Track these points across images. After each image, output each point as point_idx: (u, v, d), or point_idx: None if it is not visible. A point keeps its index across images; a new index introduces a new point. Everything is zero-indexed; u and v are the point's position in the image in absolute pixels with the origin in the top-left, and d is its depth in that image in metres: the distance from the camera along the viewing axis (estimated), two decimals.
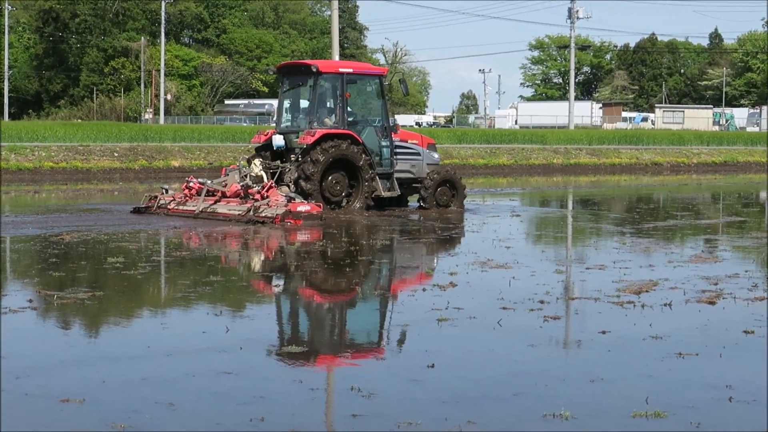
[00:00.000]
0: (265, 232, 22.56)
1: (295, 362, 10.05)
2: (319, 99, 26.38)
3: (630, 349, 10.77)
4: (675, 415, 8.28)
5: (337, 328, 12.48)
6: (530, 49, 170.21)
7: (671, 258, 18.27)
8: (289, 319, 12.65)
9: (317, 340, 11.49)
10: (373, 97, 27.62)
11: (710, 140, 76.84)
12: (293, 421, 8.08)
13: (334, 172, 25.67)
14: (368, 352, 10.72)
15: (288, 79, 27.42)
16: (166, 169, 48.70)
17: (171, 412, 8.27)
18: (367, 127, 26.78)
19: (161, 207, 25.93)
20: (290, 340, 10.86)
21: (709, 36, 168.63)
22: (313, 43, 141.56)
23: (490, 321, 12.05)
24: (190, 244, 20.50)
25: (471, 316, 12.40)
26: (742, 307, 13.25)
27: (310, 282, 15.99)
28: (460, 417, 8.13)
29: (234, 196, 25.09)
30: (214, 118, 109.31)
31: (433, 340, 11.33)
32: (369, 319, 12.98)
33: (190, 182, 26.40)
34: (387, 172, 26.93)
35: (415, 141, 28.11)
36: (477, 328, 11.82)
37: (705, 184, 51.63)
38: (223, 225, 23.53)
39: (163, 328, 12.02)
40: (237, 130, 62.86)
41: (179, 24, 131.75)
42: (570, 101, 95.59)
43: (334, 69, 26.68)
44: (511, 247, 19.95)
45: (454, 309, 12.92)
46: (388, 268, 17.77)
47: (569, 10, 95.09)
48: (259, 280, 16.29)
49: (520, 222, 26.57)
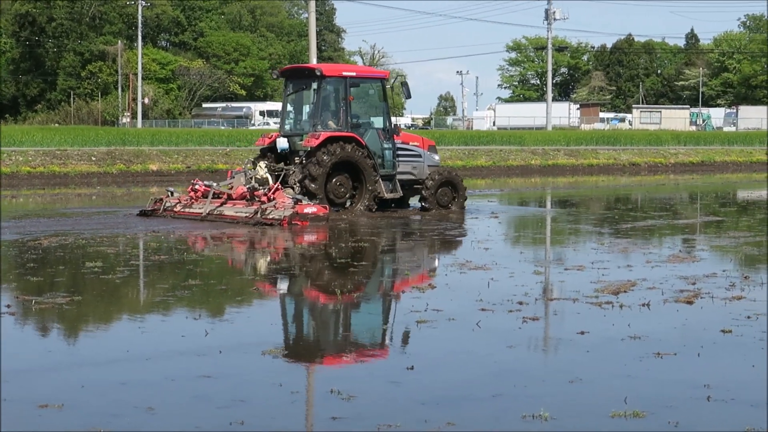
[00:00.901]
0: (271, 233, 22.80)
1: (275, 365, 10.05)
2: (322, 102, 26.84)
3: (608, 349, 10.81)
4: (653, 414, 8.31)
5: (317, 332, 12.49)
6: (507, 51, 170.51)
7: (649, 258, 18.33)
8: (269, 322, 12.63)
9: (297, 343, 11.49)
10: (376, 100, 28.01)
11: (687, 140, 77.11)
12: (273, 423, 8.08)
13: (338, 174, 26.10)
14: (348, 355, 10.72)
15: (292, 82, 27.83)
16: (144, 173, 48.59)
17: (150, 416, 8.26)
18: (369, 130, 27.19)
19: (167, 210, 26.24)
20: (270, 343, 10.84)
21: (685, 36, 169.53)
22: (290, 46, 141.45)
23: (470, 322, 12.07)
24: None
25: (450, 317, 12.42)
26: (719, 306, 13.31)
27: (290, 285, 16.00)
28: (440, 418, 8.14)
29: (240, 199, 25.43)
30: (192, 122, 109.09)
31: (412, 342, 11.35)
32: (349, 322, 12.98)
33: (196, 185, 26.76)
34: (389, 174, 27.36)
35: (416, 143, 28.61)
36: (456, 330, 11.83)
37: (682, 184, 51.81)
38: (232, 227, 23.85)
39: (141, 332, 11.99)
40: (215, 133, 62.74)
41: (156, 27, 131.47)
42: (547, 102, 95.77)
43: (337, 72, 27.07)
44: (490, 249, 19.99)
45: (434, 311, 12.93)
46: (369, 270, 17.76)
47: (546, 11, 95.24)
48: (239, 282, 16.27)
49: (499, 223, 26.60)
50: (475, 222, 25.95)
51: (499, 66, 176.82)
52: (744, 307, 13.13)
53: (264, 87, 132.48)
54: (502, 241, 22.94)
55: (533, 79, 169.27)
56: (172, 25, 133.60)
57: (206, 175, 49.07)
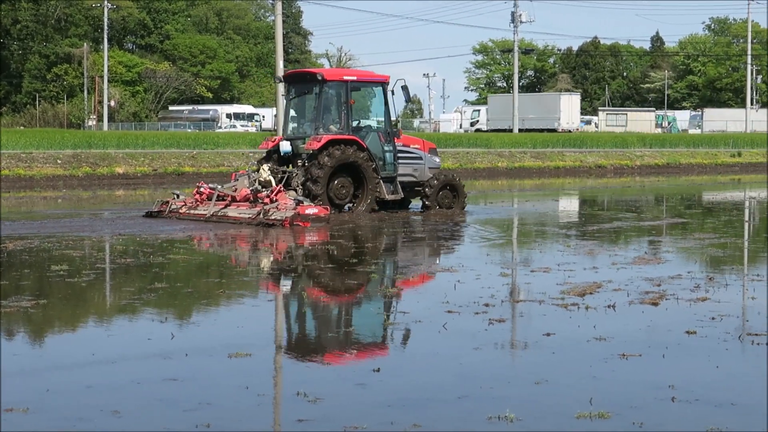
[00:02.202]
0: (273, 234, 23.16)
1: (242, 368, 10.03)
2: (324, 106, 27.40)
3: (574, 350, 10.85)
4: (618, 415, 8.35)
5: (284, 334, 12.48)
6: (474, 53, 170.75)
7: (615, 260, 18.41)
8: (236, 325, 12.61)
9: (264, 346, 11.47)
10: (377, 103, 28.61)
11: (653, 143, 77.51)
12: (239, 426, 8.08)
13: (340, 177, 26.74)
14: (314, 357, 10.72)
15: (294, 87, 28.37)
16: (110, 176, 48.42)
17: (116, 419, 8.24)
18: (370, 133, 27.83)
19: (173, 211, 26.86)
20: (237, 346, 10.82)
21: (650, 39, 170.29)
22: (257, 49, 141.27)
23: (436, 324, 12.09)
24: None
25: (417, 319, 12.44)
26: (684, 307, 13.38)
27: (260, 287, 15.98)
28: (406, 420, 8.16)
29: (244, 201, 25.99)
30: (159, 125, 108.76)
31: (379, 344, 11.36)
32: (315, 325, 12.98)
33: (201, 187, 27.29)
34: (390, 176, 27.98)
35: (416, 146, 29.18)
36: (422, 332, 11.85)
37: (648, 186, 52.05)
38: (235, 228, 24.36)
39: (107, 335, 11.95)
40: (181, 136, 62.56)
41: (122, 30, 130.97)
42: (514, 105, 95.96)
43: (338, 77, 27.67)
44: (456, 251, 20.01)
45: (400, 313, 12.94)
46: (338, 273, 17.75)
47: (512, 14, 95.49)
48: (206, 285, 16.23)
49: (465, 225, 26.64)
50: (440, 224, 25.99)
51: (466, 68, 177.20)
52: (708, 309, 13.21)
53: (231, 90, 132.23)
54: (468, 243, 22.96)
55: (500, 81, 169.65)
56: (138, 28, 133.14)
57: (173, 178, 49.05)
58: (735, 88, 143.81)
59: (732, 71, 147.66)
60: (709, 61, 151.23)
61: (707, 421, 8.18)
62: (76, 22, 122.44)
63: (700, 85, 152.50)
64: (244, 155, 54.45)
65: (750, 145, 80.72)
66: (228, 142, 59.62)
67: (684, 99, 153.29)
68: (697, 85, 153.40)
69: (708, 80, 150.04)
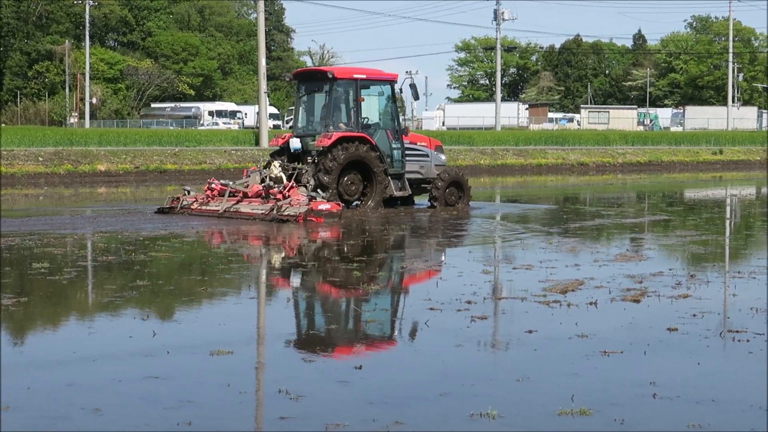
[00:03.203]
0: (287, 229, 23.53)
1: (224, 365, 10.01)
2: (334, 104, 28.02)
3: (556, 348, 10.86)
4: (600, 412, 8.37)
5: (265, 331, 12.45)
6: (457, 51, 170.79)
7: (597, 257, 18.44)
8: (218, 322, 12.58)
9: (246, 343, 11.44)
10: (385, 101, 28.96)
11: (635, 140, 77.68)
12: (221, 425, 8.07)
13: (349, 173, 27.38)
14: (296, 355, 10.70)
15: (304, 85, 28.94)
16: (92, 173, 48.29)
17: (97, 417, 8.21)
18: (379, 130, 28.28)
19: (184, 207, 27.27)
20: (218, 343, 10.80)
21: (633, 37, 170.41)
22: (239, 46, 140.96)
23: (418, 322, 12.08)
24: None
25: (399, 317, 12.44)
26: (666, 304, 13.41)
27: (240, 285, 15.95)
28: (388, 418, 8.16)
29: (255, 197, 26.48)
30: (141, 122, 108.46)
31: (361, 341, 11.36)
32: (297, 322, 12.96)
33: (212, 183, 27.79)
34: (398, 173, 28.60)
35: (423, 143, 29.81)
36: (405, 329, 11.85)
37: (630, 183, 52.17)
38: (249, 223, 24.80)
39: (89, 333, 11.92)
40: (164, 133, 62.45)
41: (104, 27, 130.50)
42: (496, 102, 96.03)
43: (348, 75, 28.20)
44: (439, 248, 20.02)
45: (382, 311, 12.93)
46: (323, 269, 17.74)
47: (495, 11, 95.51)
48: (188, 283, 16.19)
49: (446, 222, 26.64)
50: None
51: (449, 66, 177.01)
52: (690, 306, 13.24)
53: (213, 87, 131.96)
54: (451, 240, 22.97)
55: (482, 79, 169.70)
56: (120, 25, 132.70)
57: (155, 176, 48.96)
58: (716, 85, 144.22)
59: (713, 69, 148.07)
60: (690, 59, 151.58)
61: (688, 418, 8.21)
62: (58, 19, 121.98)
63: (681, 83, 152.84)
64: (227, 153, 54.38)
65: (731, 143, 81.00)
66: (210, 140, 59.55)
67: (666, 97, 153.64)
68: (678, 83, 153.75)
69: (690, 78, 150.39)
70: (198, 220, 25.66)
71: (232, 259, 19.17)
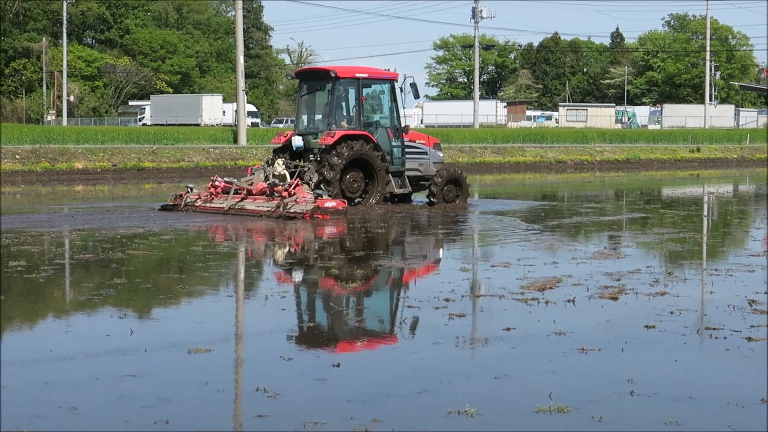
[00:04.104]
0: (291, 227, 23.67)
1: (202, 363, 9.99)
2: (336, 102, 28.37)
3: (534, 345, 10.88)
4: (578, 409, 8.38)
5: (244, 329, 12.43)
6: (435, 49, 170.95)
7: (575, 255, 18.47)
8: (196, 320, 12.55)
9: (223, 341, 11.42)
10: (386, 100, 29.41)
11: (613, 138, 77.86)
12: (198, 423, 8.04)
13: (352, 171, 27.81)
14: (274, 353, 10.67)
15: (306, 83, 29.39)
16: (69, 171, 48.12)
17: (74, 416, 8.18)
18: (379, 128, 28.69)
19: (188, 204, 27.50)
20: (196, 341, 10.78)
21: (611, 35, 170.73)
22: (217, 44, 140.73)
23: (396, 319, 12.09)
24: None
25: (377, 314, 12.43)
26: (643, 302, 13.44)
27: (217, 282, 15.92)
28: (366, 415, 8.15)
29: (260, 194, 26.76)
30: (119, 120, 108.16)
31: (339, 339, 11.35)
32: (275, 320, 12.93)
33: (215, 181, 27.96)
34: (399, 171, 29.08)
35: (422, 141, 30.29)
36: (382, 327, 11.85)
37: (608, 181, 52.29)
38: (253, 220, 25.18)
39: (66, 331, 11.88)
40: (141, 131, 62.29)
41: (81, 24, 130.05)
42: (475, 100, 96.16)
43: (351, 74, 28.46)
44: (417, 245, 20.02)
45: (360, 309, 12.92)
46: (302, 266, 17.72)
47: (473, 9, 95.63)
48: (166, 281, 16.14)
49: (426, 220, 26.66)
50: (400, 219, 26.01)
51: (427, 64, 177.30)
52: (667, 303, 13.28)
53: (191, 85, 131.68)
54: (429, 237, 22.97)
55: (461, 77, 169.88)
56: (97, 23, 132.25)
57: (133, 174, 48.82)
58: (694, 84, 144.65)
59: (691, 67, 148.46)
60: (668, 58, 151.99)
61: (665, 415, 8.23)
62: (35, 17, 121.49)
63: (659, 81, 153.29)
64: (205, 150, 54.28)
65: (709, 141, 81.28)
66: (188, 138, 59.44)
67: (643, 95, 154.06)
68: (656, 81, 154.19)
69: (667, 76, 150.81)
70: (203, 217, 25.96)
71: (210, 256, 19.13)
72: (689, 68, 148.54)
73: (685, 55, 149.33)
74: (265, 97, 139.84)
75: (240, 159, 53.46)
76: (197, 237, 22.16)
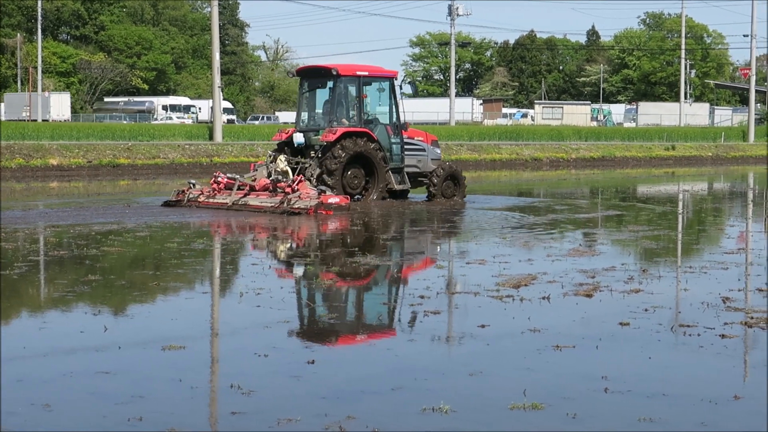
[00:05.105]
0: (296, 221, 24.06)
1: (175, 361, 9.97)
2: (338, 100, 28.65)
3: (509, 342, 10.89)
4: (552, 406, 8.39)
5: (218, 326, 12.39)
6: (411, 46, 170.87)
7: (550, 252, 18.50)
8: (171, 317, 12.52)
9: (198, 338, 11.39)
10: (386, 97, 29.70)
11: (588, 136, 78.06)
12: (172, 420, 8.01)
13: (353, 168, 28.16)
14: (248, 349, 10.64)
15: (307, 81, 29.75)
16: (44, 167, 47.89)
17: (47, 413, 8.15)
18: (379, 125, 29.04)
19: (191, 200, 27.75)
20: (170, 338, 10.75)
21: (586, 33, 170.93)
22: (193, 40, 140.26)
23: (371, 316, 12.08)
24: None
25: (352, 311, 12.43)
26: (618, 299, 13.47)
27: (192, 279, 15.87)
28: (340, 412, 8.14)
29: (263, 190, 27.13)
30: (94, 116, 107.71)
31: (313, 336, 11.34)
32: (249, 317, 12.89)
33: (218, 177, 28.30)
34: (398, 167, 29.43)
35: (420, 138, 30.67)
36: (358, 324, 11.84)
37: (583, 179, 52.40)
38: (256, 216, 25.41)
39: (39, 328, 11.83)
40: (116, 128, 62.13)
41: (56, 20, 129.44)
42: (451, 98, 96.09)
43: (352, 72, 28.80)
44: (392, 243, 20.02)
45: (335, 306, 12.91)
46: (282, 262, 17.69)
47: (449, 7, 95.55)
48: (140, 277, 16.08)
49: (400, 218, 26.66)
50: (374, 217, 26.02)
51: (403, 61, 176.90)
52: (642, 300, 13.31)
53: (167, 81, 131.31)
54: (404, 235, 22.98)
55: (437, 74, 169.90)
56: (72, 18, 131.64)
57: (108, 170, 48.67)
58: (669, 82, 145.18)
59: (666, 65, 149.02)
60: (643, 56, 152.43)
61: (639, 412, 8.25)
62: (9, 12, 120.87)
63: (635, 79, 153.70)
64: (180, 147, 54.15)
65: (684, 139, 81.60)
66: (164, 134, 59.33)
67: (619, 93, 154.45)
68: (632, 79, 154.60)
69: (643, 74, 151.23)
70: (207, 213, 26.28)
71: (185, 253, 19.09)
72: (665, 66, 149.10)
73: (661, 53, 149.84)
74: (241, 94, 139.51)
75: (216, 156, 53.35)
76: (201, 233, 22.10)
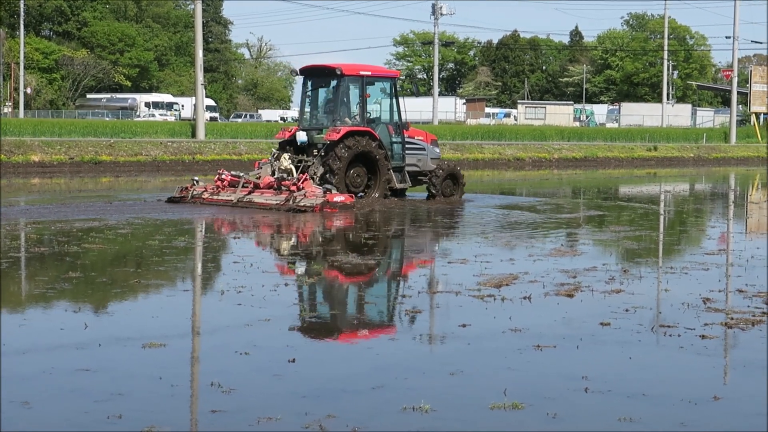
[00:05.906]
0: (301, 218, 24.33)
1: (156, 358, 9.94)
2: (341, 99, 28.91)
3: (490, 342, 10.90)
4: (532, 406, 8.40)
5: (199, 325, 12.37)
6: (395, 45, 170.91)
7: (532, 252, 18.52)
8: (151, 315, 12.49)
9: (178, 336, 11.37)
10: (387, 97, 30.05)
11: (571, 136, 78.16)
12: (152, 417, 7.99)
13: (356, 166, 28.35)
14: (229, 348, 10.62)
15: (311, 80, 29.91)
16: (25, 164, 47.74)
17: (26, 410, 8.12)
18: (380, 125, 29.37)
19: (195, 197, 28.00)
20: (151, 336, 10.72)
21: (570, 34, 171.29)
22: (177, 38, 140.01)
23: (352, 315, 12.08)
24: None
25: (333, 310, 12.42)
26: (599, 299, 13.49)
27: (173, 277, 15.84)
28: (320, 411, 8.14)
29: (267, 188, 27.40)
30: (76, 113, 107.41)
31: (294, 334, 11.32)
32: (231, 315, 12.87)
33: (222, 174, 28.64)
34: (399, 166, 29.72)
35: (420, 137, 30.99)
36: (339, 323, 11.83)
37: (566, 179, 52.48)
38: (261, 213, 25.65)
39: (19, 325, 11.78)
40: (99, 124, 61.97)
41: (39, 16, 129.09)
42: (434, 97, 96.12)
43: (355, 72, 29.03)
44: (374, 242, 20.00)
45: (316, 304, 12.90)
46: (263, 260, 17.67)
47: (433, 6, 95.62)
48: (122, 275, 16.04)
49: (382, 217, 26.66)
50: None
51: (387, 60, 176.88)
52: (623, 300, 13.34)
53: (149, 78, 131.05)
54: (386, 234, 22.98)
55: (420, 73, 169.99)
56: (55, 14, 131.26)
57: (90, 167, 48.55)
58: (651, 83, 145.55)
59: (649, 66, 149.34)
60: (626, 56, 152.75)
61: (619, 412, 8.26)
62: None
63: (617, 80, 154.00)
64: (163, 144, 54.02)
65: (666, 140, 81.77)
66: (146, 131, 59.20)
67: (602, 93, 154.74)
68: (614, 80, 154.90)
69: (625, 75, 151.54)
70: (213, 209, 26.58)
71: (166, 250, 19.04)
72: (647, 67, 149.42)
73: (643, 54, 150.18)
74: (224, 92, 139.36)
75: (198, 153, 53.25)
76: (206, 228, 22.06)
